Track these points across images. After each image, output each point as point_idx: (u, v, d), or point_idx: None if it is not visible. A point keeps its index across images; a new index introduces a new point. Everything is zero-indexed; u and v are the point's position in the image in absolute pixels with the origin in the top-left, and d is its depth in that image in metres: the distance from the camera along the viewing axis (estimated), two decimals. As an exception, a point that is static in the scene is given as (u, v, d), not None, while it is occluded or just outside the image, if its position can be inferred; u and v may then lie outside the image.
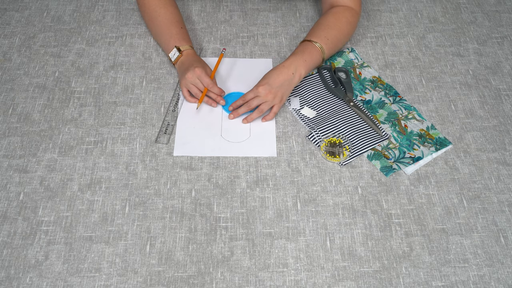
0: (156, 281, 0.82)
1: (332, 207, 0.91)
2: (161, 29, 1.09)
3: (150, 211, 0.90)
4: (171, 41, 1.06)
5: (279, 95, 0.99)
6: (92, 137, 0.99)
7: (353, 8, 1.11)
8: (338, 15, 1.09)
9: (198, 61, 1.03)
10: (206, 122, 1.02)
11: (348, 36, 1.11)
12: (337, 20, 1.08)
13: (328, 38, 1.06)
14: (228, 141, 0.99)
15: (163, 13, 1.09)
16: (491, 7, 1.28)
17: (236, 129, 1.01)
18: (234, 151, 0.98)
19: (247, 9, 1.25)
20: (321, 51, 1.05)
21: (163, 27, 1.09)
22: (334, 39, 1.07)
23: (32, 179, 0.93)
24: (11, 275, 0.82)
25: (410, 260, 0.86)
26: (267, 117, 1.01)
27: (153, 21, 1.10)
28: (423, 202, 0.93)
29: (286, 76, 0.99)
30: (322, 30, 1.06)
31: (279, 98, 0.99)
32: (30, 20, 1.21)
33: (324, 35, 1.05)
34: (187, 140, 0.99)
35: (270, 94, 0.98)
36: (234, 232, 0.88)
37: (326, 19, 1.09)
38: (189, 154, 0.97)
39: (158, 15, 1.09)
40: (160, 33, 1.09)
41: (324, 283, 0.83)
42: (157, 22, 1.09)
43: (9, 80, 1.08)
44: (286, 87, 0.99)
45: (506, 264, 0.86)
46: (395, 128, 1.02)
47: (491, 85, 1.11)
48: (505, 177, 0.96)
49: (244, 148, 0.98)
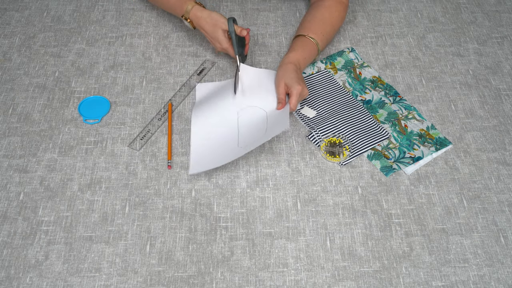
0: (156, 281, 0.82)
1: (332, 207, 0.91)
2: (163, 4, 1.13)
3: (150, 211, 0.90)
4: (176, 10, 1.09)
5: (305, 85, 1.00)
6: (92, 137, 0.99)
7: (344, 1, 1.13)
8: (331, 9, 1.10)
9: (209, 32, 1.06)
10: (221, 134, 0.98)
11: (337, 29, 1.14)
12: (331, 15, 1.10)
13: (323, 34, 1.08)
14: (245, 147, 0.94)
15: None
16: (491, 7, 1.28)
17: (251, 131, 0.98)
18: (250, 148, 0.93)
19: (247, 9, 1.25)
20: (317, 48, 1.07)
21: (163, 2, 1.12)
22: (328, 35, 1.09)
23: (32, 179, 0.93)
24: (11, 275, 0.82)
25: (410, 260, 0.86)
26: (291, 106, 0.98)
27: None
28: (423, 202, 0.93)
29: (299, 71, 1.02)
30: (318, 25, 1.08)
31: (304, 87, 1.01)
32: (30, 20, 1.21)
33: (320, 31, 1.07)
34: (203, 155, 0.95)
35: (305, 89, 0.99)
36: (234, 232, 0.88)
37: (320, 13, 1.10)
38: (206, 169, 0.92)
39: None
40: (164, 6, 1.13)
41: (324, 283, 0.83)
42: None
43: (9, 80, 1.08)
44: (302, 78, 1.02)
45: (506, 264, 0.86)
46: (395, 128, 1.02)
47: (491, 85, 1.11)
48: (505, 177, 0.96)
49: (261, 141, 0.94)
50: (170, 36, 1.18)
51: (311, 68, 1.12)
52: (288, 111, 0.97)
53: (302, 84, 0.98)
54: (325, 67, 1.13)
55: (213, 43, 1.08)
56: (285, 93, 0.99)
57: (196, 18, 1.06)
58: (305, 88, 0.99)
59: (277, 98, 1.00)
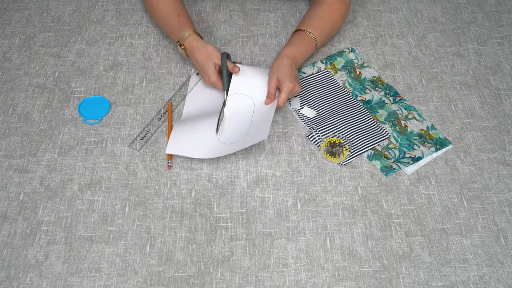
0: (156, 281, 0.82)
1: (332, 207, 0.91)
2: (163, 24, 1.10)
3: (150, 211, 0.90)
4: (174, 35, 1.07)
5: (297, 82, 1.01)
6: (92, 137, 0.99)
7: (346, 1, 1.13)
8: (332, 7, 1.11)
9: (200, 63, 1.02)
10: (204, 125, 1.00)
11: (339, 28, 1.14)
12: (332, 13, 1.10)
13: (322, 30, 1.08)
14: (224, 144, 0.96)
15: (161, 7, 1.10)
16: (491, 7, 1.28)
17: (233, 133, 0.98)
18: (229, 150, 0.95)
19: (247, 9, 1.25)
20: (316, 43, 1.07)
21: (163, 22, 1.10)
22: (327, 32, 1.10)
23: (32, 179, 0.93)
24: (11, 275, 0.82)
25: (410, 260, 0.86)
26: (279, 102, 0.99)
27: (155, 16, 1.12)
28: (423, 202, 0.93)
29: (294, 65, 1.02)
30: (318, 21, 1.08)
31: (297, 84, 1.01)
32: (30, 20, 1.21)
33: (320, 27, 1.08)
34: (181, 139, 0.97)
35: (297, 86, 1.00)
36: (234, 232, 0.88)
37: (321, 9, 1.10)
38: (181, 153, 0.95)
39: (158, 11, 1.10)
40: (164, 28, 1.11)
41: (324, 283, 0.83)
42: (159, 17, 1.11)
43: (9, 80, 1.08)
44: (296, 74, 1.02)
45: (506, 264, 0.86)
46: (395, 128, 1.02)
47: (491, 85, 1.11)
48: (505, 177, 0.96)
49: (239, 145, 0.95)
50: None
51: (311, 68, 1.12)
52: (271, 117, 0.97)
53: (294, 82, 0.98)
54: (325, 67, 1.13)
55: (202, 75, 1.04)
56: (275, 88, 0.99)
57: (190, 46, 1.03)
58: (297, 85, 0.99)
59: (267, 93, 1.00)
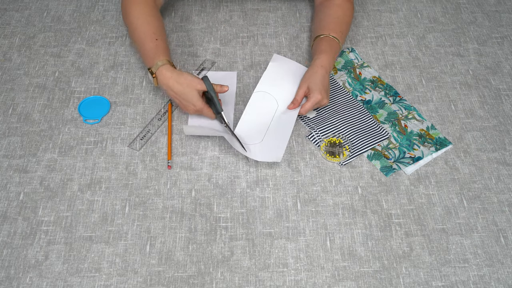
0: (156, 281, 0.82)
1: (332, 207, 0.91)
2: (138, 44, 1.02)
3: (150, 211, 0.90)
4: (147, 60, 0.99)
5: (326, 95, 1.00)
6: (92, 137, 0.99)
7: (351, 1, 1.14)
8: (343, 7, 1.12)
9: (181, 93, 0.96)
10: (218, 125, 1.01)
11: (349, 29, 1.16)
12: (344, 14, 1.11)
13: (342, 33, 1.09)
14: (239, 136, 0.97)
15: (140, 23, 1.02)
16: (491, 7, 1.28)
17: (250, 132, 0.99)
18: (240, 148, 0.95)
19: (247, 9, 1.25)
20: (340, 47, 1.08)
21: (139, 42, 1.01)
22: (345, 33, 1.11)
23: (32, 179, 0.93)
24: (11, 275, 0.82)
25: (410, 260, 0.86)
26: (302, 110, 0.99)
27: (132, 33, 1.03)
28: (423, 202, 0.93)
29: (327, 76, 1.01)
30: (336, 24, 1.09)
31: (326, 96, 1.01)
32: (30, 20, 1.21)
33: (339, 30, 1.09)
34: (198, 123, 1.00)
35: (325, 99, 0.99)
36: (234, 232, 0.88)
37: (336, 12, 1.11)
38: (197, 133, 0.99)
39: (136, 28, 1.02)
40: (138, 48, 1.03)
41: (324, 283, 0.83)
42: (135, 35, 1.02)
43: (9, 80, 1.08)
44: (327, 87, 1.02)
45: (506, 264, 0.86)
46: (395, 128, 1.02)
47: (491, 85, 1.11)
48: (505, 177, 0.96)
49: (251, 152, 0.95)
50: (170, 36, 1.18)
51: (311, 68, 1.12)
52: (290, 131, 0.97)
53: (323, 94, 0.98)
54: (325, 67, 1.13)
55: (184, 104, 0.97)
56: (303, 96, 1.00)
57: (164, 77, 0.95)
58: (326, 99, 0.99)
59: (293, 98, 1.01)
